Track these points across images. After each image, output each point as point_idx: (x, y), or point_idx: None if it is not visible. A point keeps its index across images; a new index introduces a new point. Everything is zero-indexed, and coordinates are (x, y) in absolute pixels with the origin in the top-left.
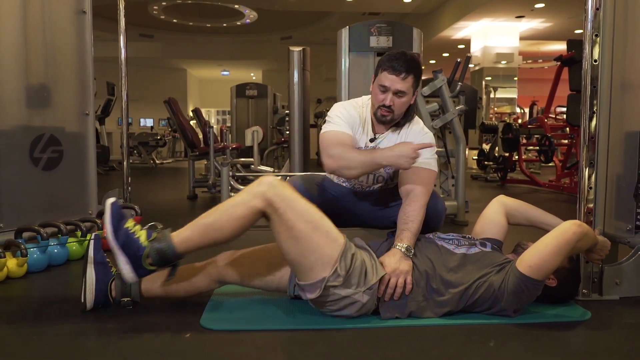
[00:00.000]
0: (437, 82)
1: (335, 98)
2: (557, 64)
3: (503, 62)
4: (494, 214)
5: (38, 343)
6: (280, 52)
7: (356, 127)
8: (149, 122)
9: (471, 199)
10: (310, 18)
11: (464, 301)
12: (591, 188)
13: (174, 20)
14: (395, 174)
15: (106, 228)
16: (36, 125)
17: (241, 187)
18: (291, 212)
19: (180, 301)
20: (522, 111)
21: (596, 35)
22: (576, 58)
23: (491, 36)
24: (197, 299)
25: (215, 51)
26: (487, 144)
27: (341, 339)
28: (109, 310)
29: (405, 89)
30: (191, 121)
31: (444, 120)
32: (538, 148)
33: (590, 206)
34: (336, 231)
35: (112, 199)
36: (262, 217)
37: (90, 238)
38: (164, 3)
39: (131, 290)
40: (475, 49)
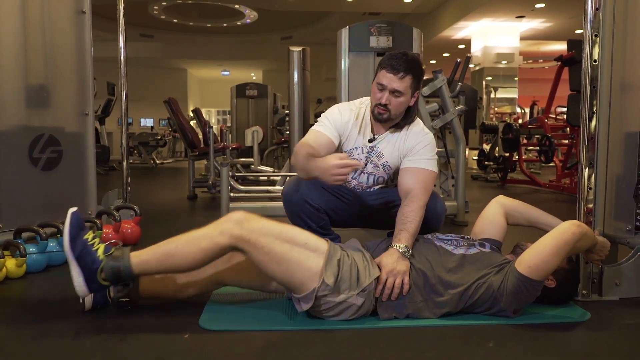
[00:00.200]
0: (437, 82)
1: (335, 98)
2: (558, 64)
3: (503, 62)
4: (493, 215)
5: (37, 343)
6: (280, 52)
7: (349, 130)
8: (149, 122)
9: (471, 199)
10: (310, 18)
11: (463, 302)
12: (591, 188)
13: (174, 20)
14: (395, 175)
15: (64, 237)
16: (35, 125)
17: (241, 187)
18: (264, 239)
19: (178, 302)
20: (523, 111)
21: (596, 35)
22: (576, 58)
23: (491, 36)
24: (196, 300)
25: (215, 51)
26: (488, 144)
27: (340, 340)
28: (108, 310)
29: (402, 89)
30: (191, 121)
31: (444, 120)
32: (538, 148)
33: (590, 206)
34: (315, 240)
35: (74, 209)
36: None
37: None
38: (164, 3)
39: (129, 290)
40: (475, 49)
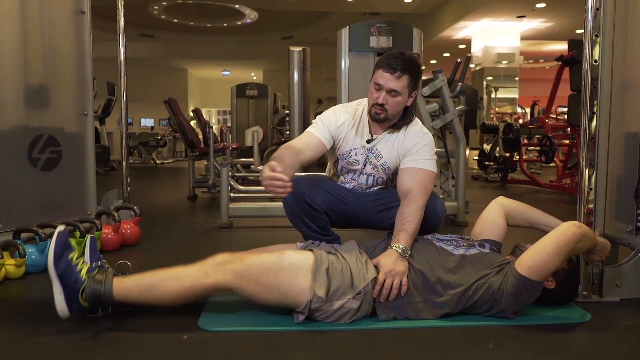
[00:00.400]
0: (437, 83)
1: (335, 98)
2: (558, 64)
3: (504, 62)
4: (493, 216)
5: (36, 344)
6: (280, 52)
7: (346, 132)
8: (150, 122)
9: (472, 200)
10: (310, 18)
11: (463, 302)
12: (591, 189)
13: (175, 20)
14: (394, 176)
15: (48, 255)
16: (35, 125)
17: (241, 188)
18: (250, 274)
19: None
20: (523, 111)
21: (596, 35)
22: (577, 58)
23: (492, 36)
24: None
25: (215, 51)
26: (488, 144)
27: (339, 341)
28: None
29: (398, 89)
30: (191, 121)
31: (444, 120)
32: (539, 148)
33: (590, 207)
34: (298, 256)
35: (61, 227)
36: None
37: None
38: (165, 3)
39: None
40: (476, 49)
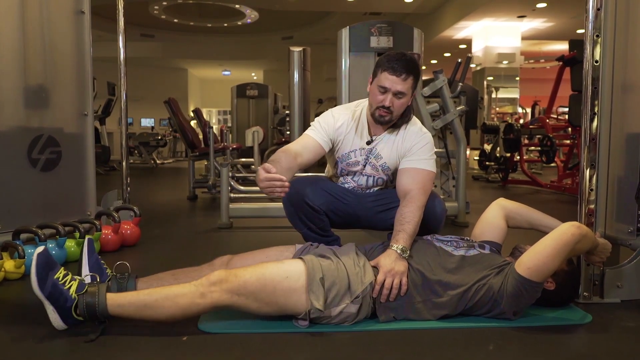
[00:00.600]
0: (438, 83)
1: (335, 98)
2: (559, 64)
3: (505, 62)
4: (493, 217)
5: (34, 345)
6: (281, 52)
7: (344, 133)
8: (150, 122)
9: (472, 200)
10: (311, 18)
11: (463, 304)
12: (592, 189)
13: (175, 20)
14: (394, 177)
15: (32, 280)
16: (34, 126)
17: (241, 188)
18: (247, 291)
19: None
20: (524, 111)
21: (597, 35)
22: (578, 58)
23: (493, 36)
24: None
25: (216, 51)
26: (489, 144)
27: (339, 342)
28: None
29: (405, 90)
30: (192, 121)
31: (445, 120)
32: (540, 148)
33: (591, 207)
34: (293, 269)
35: (40, 249)
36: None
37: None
38: (165, 3)
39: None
40: (476, 49)
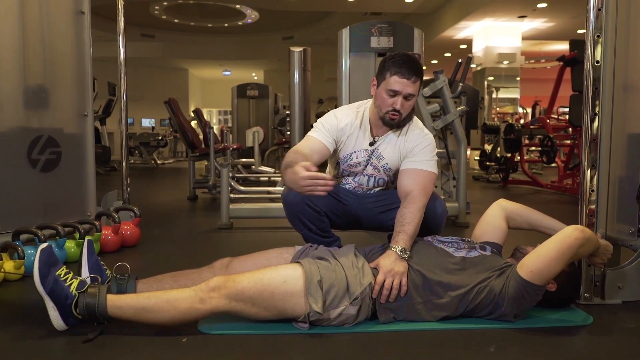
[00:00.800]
0: (438, 83)
1: (336, 98)
2: (560, 64)
3: (505, 62)
4: (494, 218)
5: (34, 346)
6: (281, 52)
7: (347, 134)
8: (151, 123)
9: (473, 200)
10: (311, 18)
11: (464, 306)
12: (593, 190)
13: (175, 20)
14: (395, 177)
15: (34, 274)
16: (34, 126)
17: (242, 188)
18: (245, 297)
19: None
20: (525, 111)
21: (598, 36)
22: (579, 58)
23: (493, 36)
24: None
25: (216, 51)
26: (489, 145)
27: (339, 344)
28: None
29: (414, 92)
30: (192, 122)
31: (445, 121)
32: (540, 149)
33: (592, 208)
34: (289, 271)
35: (43, 245)
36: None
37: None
38: (165, 3)
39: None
40: (477, 49)
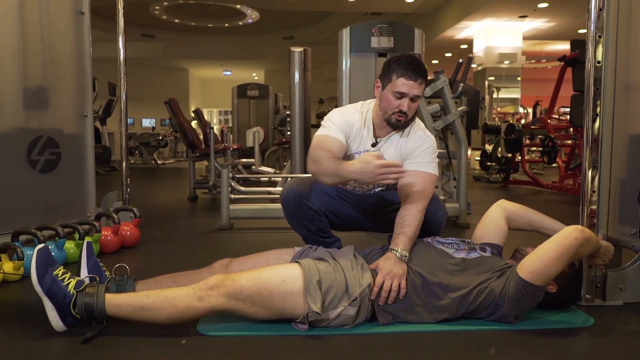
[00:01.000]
0: (439, 83)
1: (336, 98)
2: (561, 64)
3: (506, 62)
4: (494, 219)
5: (33, 347)
6: (282, 52)
7: (354, 133)
8: (151, 123)
9: (473, 201)
10: (312, 18)
11: (464, 307)
12: (594, 191)
13: (176, 20)
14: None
15: (31, 274)
16: (34, 127)
17: (242, 189)
18: (243, 296)
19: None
20: (525, 111)
21: (599, 36)
22: (580, 58)
23: (494, 36)
24: None
25: (217, 51)
26: (490, 145)
27: (338, 345)
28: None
29: (420, 94)
30: (192, 122)
31: (446, 121)
32: (541, 149)
33: (593, 209)
34: (288, 271)
35: (40, 245)
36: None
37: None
38: (166, 3)
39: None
40: (478, 49)
